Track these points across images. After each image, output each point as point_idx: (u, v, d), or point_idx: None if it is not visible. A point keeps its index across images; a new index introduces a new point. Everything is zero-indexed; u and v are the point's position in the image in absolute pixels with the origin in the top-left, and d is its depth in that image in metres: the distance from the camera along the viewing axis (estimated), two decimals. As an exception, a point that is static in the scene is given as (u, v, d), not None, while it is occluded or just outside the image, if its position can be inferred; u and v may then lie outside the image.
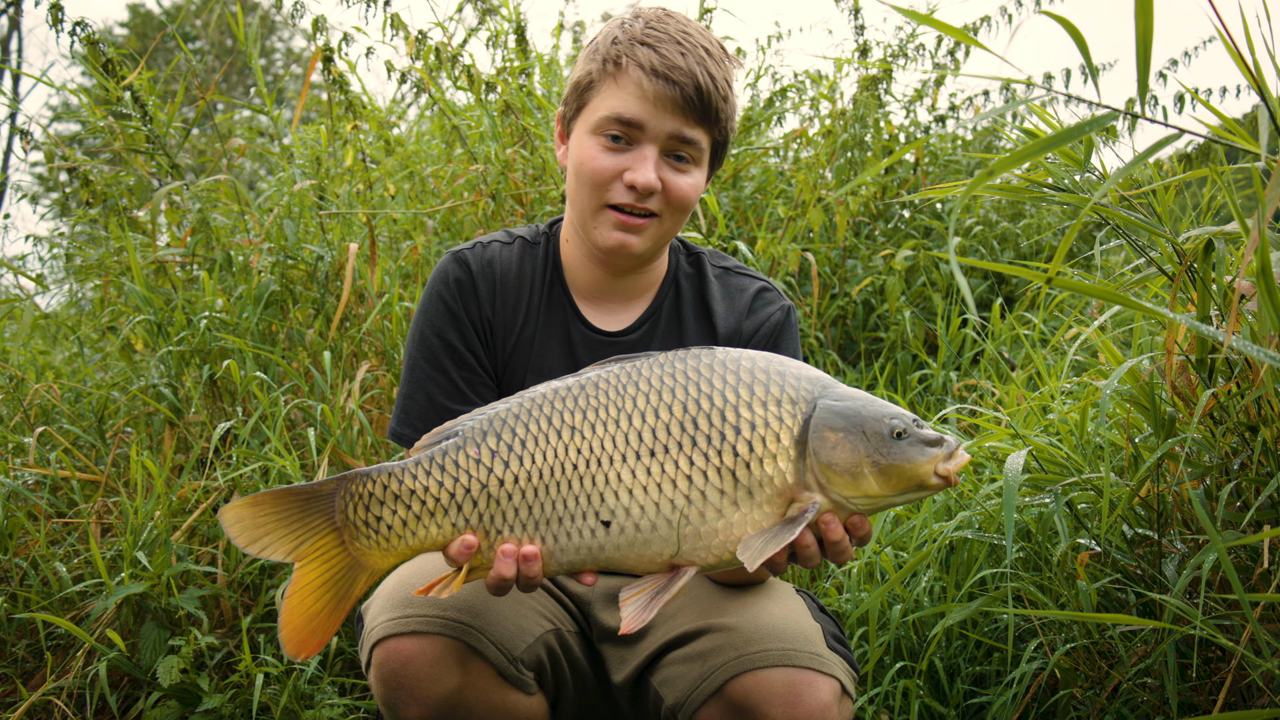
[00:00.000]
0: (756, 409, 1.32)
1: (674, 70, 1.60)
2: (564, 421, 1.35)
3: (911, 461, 1.29)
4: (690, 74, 1.60)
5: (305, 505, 1.36)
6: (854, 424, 1.30)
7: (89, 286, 4.00)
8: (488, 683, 1.48)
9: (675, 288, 1.81)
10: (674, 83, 1.60)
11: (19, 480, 2.82)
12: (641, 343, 1.76)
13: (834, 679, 1.45)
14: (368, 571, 1.38)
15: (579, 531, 1.33)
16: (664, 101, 1.60)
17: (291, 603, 1.34)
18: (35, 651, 2.51)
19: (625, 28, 1.66)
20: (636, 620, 1.29)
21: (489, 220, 3.68)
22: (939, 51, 4.75)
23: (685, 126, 1.63)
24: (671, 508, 1.31)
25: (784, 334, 1.77)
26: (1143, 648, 1.91)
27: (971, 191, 1.34)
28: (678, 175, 1.65)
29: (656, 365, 1.38)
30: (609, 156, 1.64)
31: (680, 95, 1.60)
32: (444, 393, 1.70)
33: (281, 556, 1.35)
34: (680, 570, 1.33)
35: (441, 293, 1.73)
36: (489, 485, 1.35)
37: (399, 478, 1.36)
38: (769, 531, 1.30)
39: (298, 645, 1.34)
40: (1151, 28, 1.31)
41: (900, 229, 4.55)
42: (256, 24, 3.54)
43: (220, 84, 9.11)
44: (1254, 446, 1.69)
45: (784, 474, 1.31)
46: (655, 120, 1.62)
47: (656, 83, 1.60)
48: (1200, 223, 2.47)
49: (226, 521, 1.33)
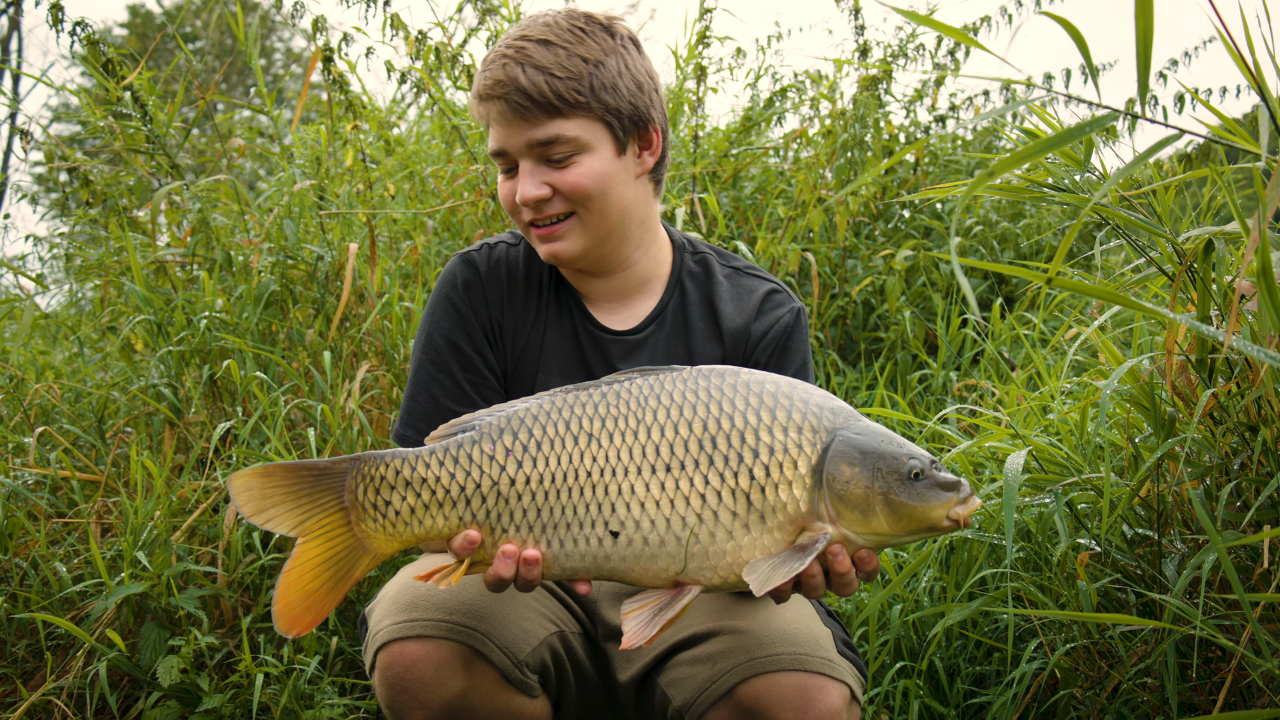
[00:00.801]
0: (777, 434, 1.31)
1: (495, 87, 1.59)
2: (581, 428, 1.34)
3: (925, 504, 1.29)
4: (509, 82, 1.58)
5: (316, 481, 1.36)
6: (871, 460, 1.29)
7: (89, 286, 4.00)
8: (492, 686, 1.48)
9: (680, 287, 1.80)
10: (496, 98, 1.59)
11: (19, 480, 2.82)
12: (649, 341, 1.76)
13: (844, 684, 1.45)
14: (370, 555, 1.37)
15: (586, 539, 1.33)
16: (504, 119, 1.61)
17: (290, 577, 1.33)
18: (35, 651, 2.51)
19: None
20: (639, 636, 1.28)
21: (489, 220, 3.68)
22: (939, 52, 4.75)
23: (534, 130, 1.60)
24: (682, 524, 1.31)
25: (794, 336, 1.77)
26: (1143, 648, 1.91)
27: (972, 192, 1.34)
28: (563, 172, 1.62)
29: (680, 380, 1.37)
30: (507, 185, 1.68)
31: (507, 107, 1.59)
32: (449, 395, 1.70)
33: (286, 529, 1.34)
34: (684, 588, 1.33)
35: (450, 295, 1.74)
36: (499, 483, 1.34)
37: (412, 464, 1.36)
38: (777, 557, 1.29)
39: (290, 621, 1.33)
40: (1152, 28, 1.31)
41: (900, 229, 4.55)
42: (256, 24, 3.54)
43: (220, 84, 9.10)
44: (1254, 446, 1.69)
45: (798, 502, 1.30)
46: (509, 139, 1.62)
47: (488, 105, 1.61)
48: (1200, 223, 2.47)
49: (235, 489, 1.32)
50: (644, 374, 1.39)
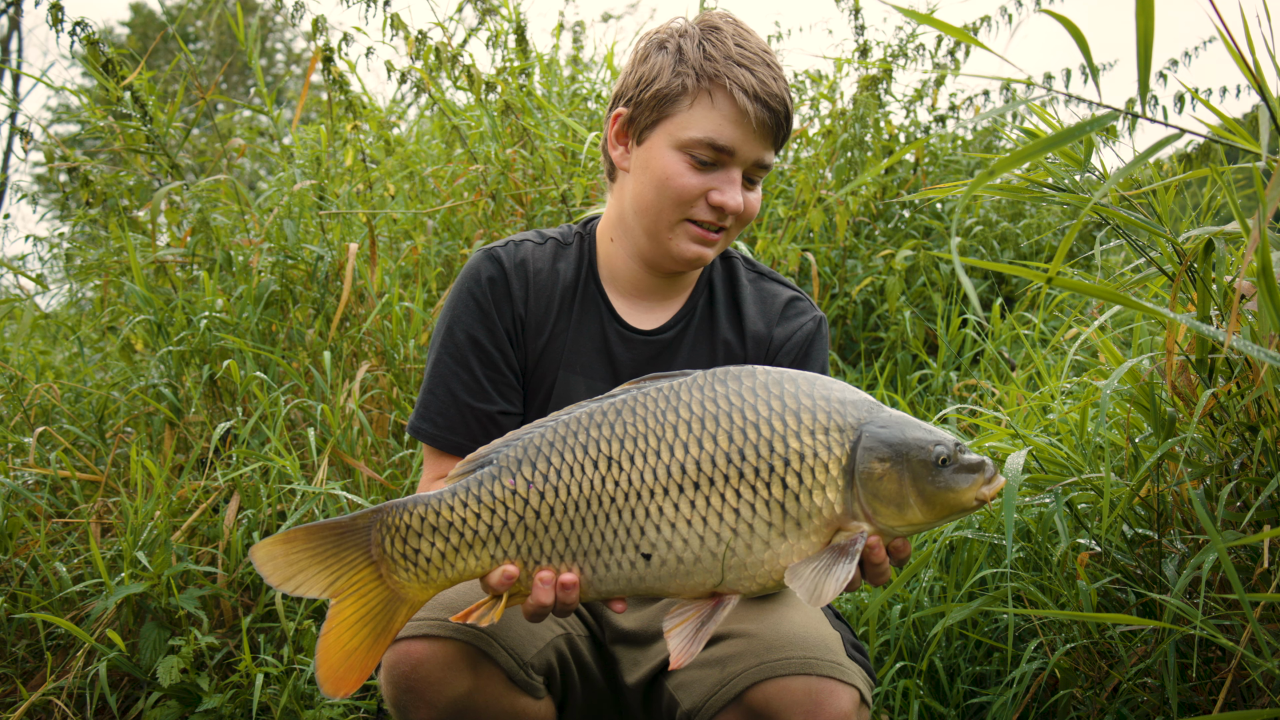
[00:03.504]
0: (805, 439, 1.30)
1: (772, 98, 1.60)
2: (600, 450, 1.32)
3: (956, 489, 1.29)
4: (782, 100, 1.62)
5: (340, 539, 1.32)
6: (900, 453, 1.28)
7: (89, 286, 4.00)
8: (498, 687, 1.48)
9: (709, 288, 1.81)
10: (772, 110, 1.60)
11: (19, 480, 2.82)
12: (675, 341, 1.77)
13: (854, 688, 1.44)
14: (408, 604, 1.35)
15: (619, 563, 1.31)
16: (761, 128, 1.61)
17: (328, 640, 1.30)
18: (35, 651, 2.51)
19: (714, 42, 1.63)
20: (686, 654, 1.27)
21: (489, 220, 3.68)
22: (939, 51, 4.75)
23: (767, 152, 1.65)
24: (717, 541, 1.29)
25: (814, 345, 1.77)
26: (1143, 648, 1.91)
27: (972, 191, 1.34)
28: (749, 194, 1.67)
29: (696, 389, 1.34)
30: (696, 176, 1.63)
31: (773, 121, 1.61)
32: (467, 390, 1.69)
33: (318, 593, 1.31)
34: (724, 599, 1.32)
35: (473, 289, 1.73)
36: (525, 517, 1.32)
37: (435, 509, 1.33)
38: (818, 560, 1.28)
39: (336, 683, 1.31)
40: (1152, 27, 1.31)
41: (900, 229, 4.55)
42: (256, 24, 3.54)
43: (220, 84, 9.10)
44: (1254, 446, 1.69)
45: (833, 505, 1.29)
46: (747, 147, 1.62)
47: (754, 106, 1.59)
48: (1200, 223, 2.47)
49: (259, 560, 1.29)
50: (657, 383, 1.37)
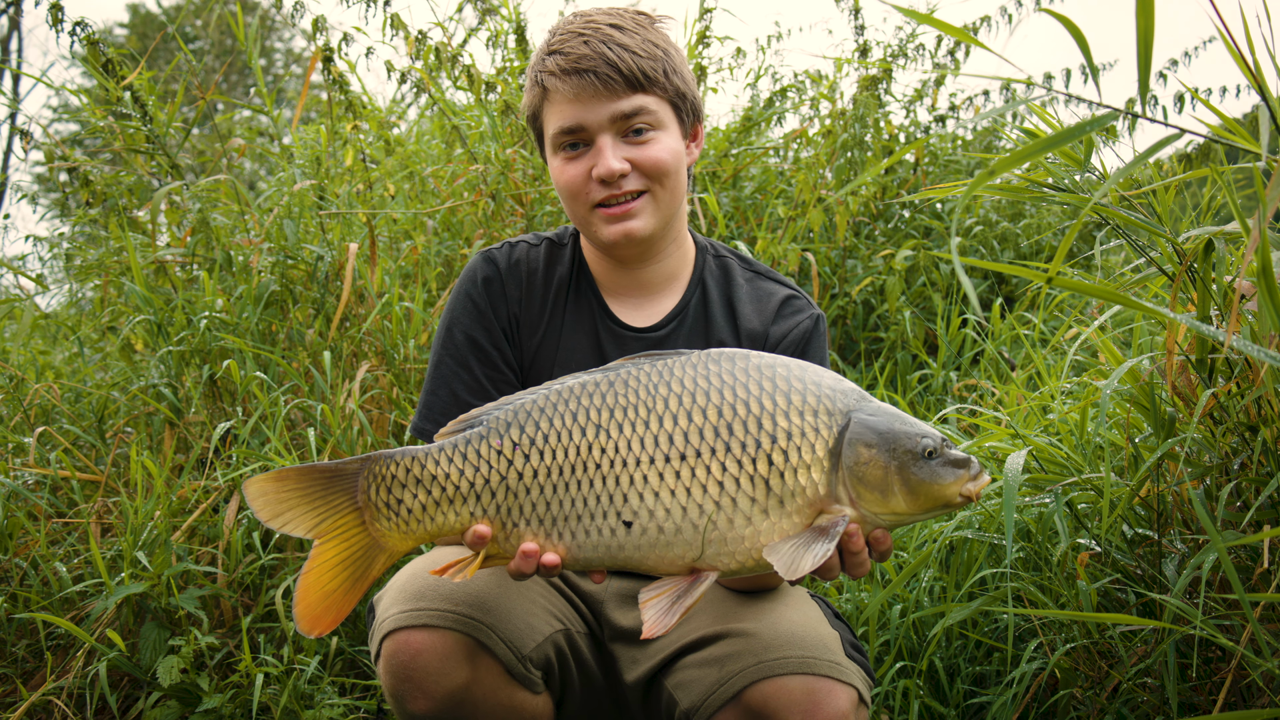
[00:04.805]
0: (794, 418, 1.31)
1: (581, 60, 1.63)
2: (589, 419, 1.35)
3: (941, 481, 1.30)
4: (597, 55, 1.63)
5: (329, 483, 1.38)
6: (887, 441, 1.30)
7: (89, 286, 4.00)
8: (495, 679, 1.49)
9: (702, 286, 1.82)
10: (584, 71, 1.63)
11: (19, 480, 2.82)
12: (669, 339, 1.78)
13: (852, 688, 1.45)
14: (386, 553, 1.39)
15: (599, 530, 1.33)
16: (586, 93, 1.64)
17: (308, 579, 1.36)
18: (35, 651, 2.51)
19: (544, 46, 1.71)
20: (659, 624, 1.29)
21: (489, 220, 3.68)
22: (939, 51, 4.75)
23: (620, 101, 1.65)
24: (699, 512, 1.31)
25: (812, 342, 1.78)
26: (1143, 648, 1.91)
27: (972, 191, 1.34)
28: (642, 147, 1.67)
29: (689, 366, 1.37)
30: (574, 165, 1.69)
31: (596, 79, 1.63)
32: (468, 389, 1.72)
33: (303, 532, 1.37)
34: (701, 574, 1.33)
35: (470, 291, 1.77)
36: (508, 478, 1.35)
37: (422, 462, 1.38)
38: (798, 539, 1.29)
39: (312, 621, 1.36)
40: (1152, 27, 1.31)
41: (900, 229, 4.55)
42: (256, 24, 3.54)
43: (220, 84, 9.10)
44: (1254, 446, 1.69)
45: (816, 485, 1.30)
46: (590, 113, 1.65)
47: (571, 80, 1.64)
48: (1200, 223, 2.47)
49: (250, 494, 1.35)
50: (651, 360, 1.39)
